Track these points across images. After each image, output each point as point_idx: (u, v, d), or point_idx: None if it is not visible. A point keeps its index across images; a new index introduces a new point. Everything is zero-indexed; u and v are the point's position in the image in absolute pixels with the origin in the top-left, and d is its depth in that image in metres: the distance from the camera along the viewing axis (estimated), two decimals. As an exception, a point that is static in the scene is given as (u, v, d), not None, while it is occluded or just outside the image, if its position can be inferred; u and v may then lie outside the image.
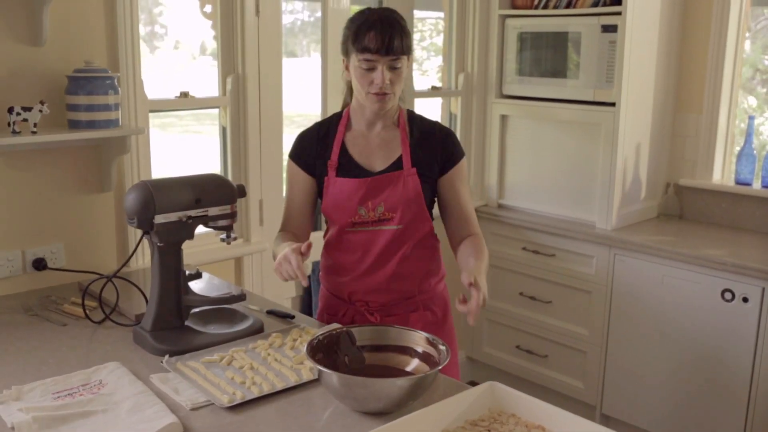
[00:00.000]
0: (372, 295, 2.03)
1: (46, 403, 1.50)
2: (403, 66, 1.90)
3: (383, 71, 1.87)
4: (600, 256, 3.25)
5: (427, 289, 2.10)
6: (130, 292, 2.13)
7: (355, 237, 2.00)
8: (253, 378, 1.62)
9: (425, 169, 1.99)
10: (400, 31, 1.88)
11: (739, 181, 3.31)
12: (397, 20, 1.90)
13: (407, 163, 1.97)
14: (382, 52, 1.85)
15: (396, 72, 1.90)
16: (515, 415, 1.45)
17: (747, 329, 2.82)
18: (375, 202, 1.96)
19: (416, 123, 2.04)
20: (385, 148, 2.00)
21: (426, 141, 2.01)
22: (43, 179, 2.29)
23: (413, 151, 1.99)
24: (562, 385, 3.47)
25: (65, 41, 2.26)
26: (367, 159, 2.00)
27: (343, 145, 2.01)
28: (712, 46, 3.33)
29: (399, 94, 1.96)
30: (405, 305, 2.05)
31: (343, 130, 2.03)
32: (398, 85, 1.92)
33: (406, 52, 1.91)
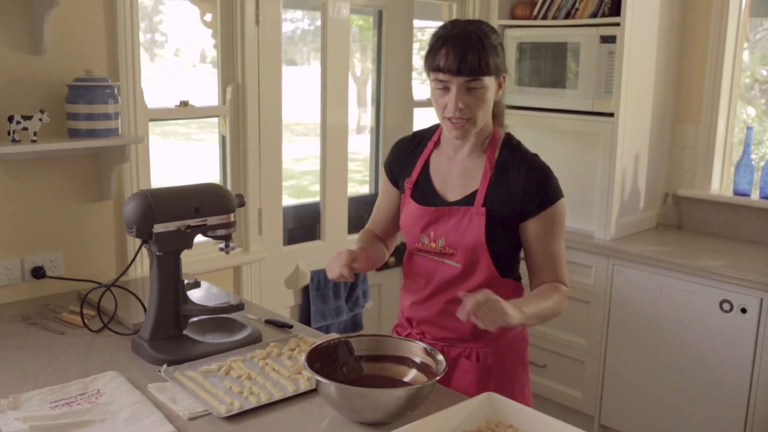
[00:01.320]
0: (425, 326, 1.90)
1: (43, 413, 1.50)
2: (484, 88, 1.70)
3: (456, 93, 1.69)
4: (598, 266, 3.25)
5: (486, 337, 1.83)
6: (129, 301, 2.13)
7: (421, 261, 1.87)
8: (251, 388, 1.62)
9: (500, 209, 1.77)
10: (479, 47, 1.68)
11: (737, 192, 3.31)
12: (480, 34, 1.70)
13: (479, 200, 1.77)
14: (454, 72, 1.67)
15: (474, 95, 1.70)
16: (513, 425, 1.45)
17: (745, 340, 2.82)
18: (436, 233, 1.81)
19: (507, 153, 1.80)
20: (465, 178, 1.82)
21: (510, 177, 1.77)
22: (43, 188, 2.29)
23: (491, 187, 1.77)
24: (560, 396, 3.46)
25: (66, 50, 2.27)
26: (444, 185, 1.84)
27: (426, 165, 1.88)
28: (711, 57, 3.34)
29: (482, 120, 1.75)
30: (459, 347, 1.86)
31: (432, 147, 1.89)
32: (479, 110, 1.72)
33: (487, 72, 1.69)
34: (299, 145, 3.76)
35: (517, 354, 1.93)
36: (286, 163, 2.98)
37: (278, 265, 3.05)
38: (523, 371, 1.95)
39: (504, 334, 1.86)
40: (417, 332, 1.92)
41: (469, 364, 1.86)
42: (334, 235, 3.25)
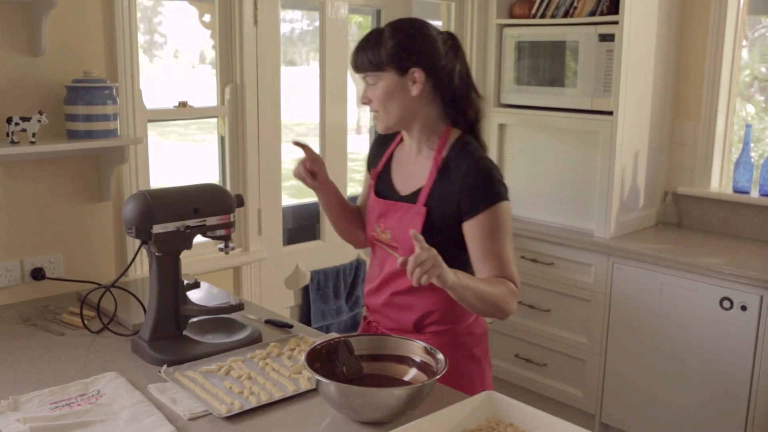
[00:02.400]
0: (377, 314, 1.96)
1: (43, 414, 1.50)
2: (380, 81, 1.76)
3: (363, 88, 1.81)
4: (598, 264, 3.25)
5: (429, 333, 1.87)
6: (129, 301, 2.13)
7: (377, 250, 1.94)
8: (251, 388, 1.62)
9: (440, 209, 1.78)
10: (373, 45, 1.75)
11: (737, 189, 3.31)
12: (383, 31, 1.77)
13: (422, 199, 1.79)
14: (355, 69, 1.80)
15: (372, 89, 1.78)
16: (513, 424, 1.45)
17: (745, 337, 2.82)
18: (386, 225, 1.86)
19: (453, 154, 1.80)
20: (415, 175, 1.85)
21: (451, 177, 1.78)
22: (42, 189, 2.29)
23: (435, 186, 1.79)
24: (561, 394, 3.46)
25: (64, 51, 2.27)
26: (400, 180, 1.89)
27: (390, 158, 1.94)
28: (710, 55, 3.34)
29: (393, 113, 1.79)
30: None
31: (398, 141, 1.95)
32: (380, 103, 1.78)
33: (377, 67, 1.75)
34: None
35: (463, 348, 1.90)
36: (286, 163, 2.98)
37: (278, 265, 3.05)
38: (473, 365, 1.93)
39: (450, 330, 1.87)
40: (373, 320, 1.97)
41: None
42: (333, 234, 3.22)
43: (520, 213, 3.64)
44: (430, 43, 1.77)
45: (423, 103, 1.79)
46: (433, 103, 1.80)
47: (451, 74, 1.78)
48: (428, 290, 1.74)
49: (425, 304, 1.85)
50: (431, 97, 1.79)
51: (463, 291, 1.62)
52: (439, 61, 1.77)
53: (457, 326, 1.89)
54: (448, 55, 1.78)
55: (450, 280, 1.57)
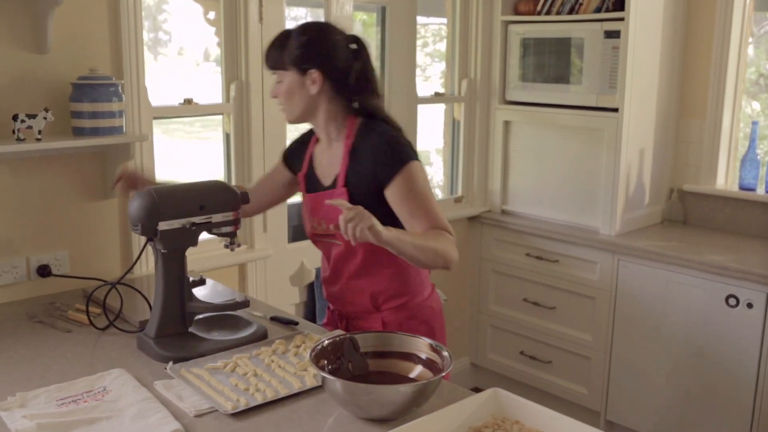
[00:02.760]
0: (336, 302, 2.10)
1: (50, 410, 1.50)
2: (283, 80, 1.93)
3: (273, 84, 1.97)
4: (604, 261, 3.24)
5: (388, 307, 2.02)
6: (134, 298, 2.13)
7: (319, 245, 2.09)
8: (257, 385, 1.63)
9: (359, 186, 1.91)
10: (279, 46, 1.93)
11: (742, 187, 3.30)
12: (288, 33, 1.93)
13: (340, 182, 1.94)
14: (265, 66, 1.97)
15: (279, 86, 1.95)
16: (519, 421, 1.45)
17: (751, 335, 2.81)
18: (319, 217, 2.01)
19: (360, 136, 1.95)
20: (331, 165, 2.00)
21: (362, 156, 1.92)
22: (48, 186, 2.29)
23: (350, 169, 1.93)
24: (566, 391, 3.46)
25: (70, 49, 2.27)
26: (322, 172, 2.04)
27: (311, 157, 2.08)
28: (716, 52, 3.33)
29: (296, 107, 1.95)
30: (367, 319, 2.04)
31: (315, 140, 2.09)
32: (284, 99, 1.95)
33: (280, 66, 1.92)
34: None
35: (422, 321, 2.05)
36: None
37: (283, 262, 3.06)
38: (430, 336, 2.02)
39: (406, 303, 2.03)
40: (335, 308, 2.12)
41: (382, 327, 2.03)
42: (338, 232, 3.25)
43: (525, 210, 3.64)
44: (330, 46, 1.92)
45: (323, 100, 1.94)
46: (334, 99, 1.95)
47: (346, 74, 1.92)
48: (377, 268, 1.96)
49: (376, 282, 2.00)
50: (332, 94, 1.94)
51: (401, 244, 1.73)
52: (337, 63, 1.91)
53: (413, 300, 2.05)
54: (347, 57, 1.93)
55: (385, 235, 1.68)
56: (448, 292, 3.75)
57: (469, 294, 3.87)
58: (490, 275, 3.75)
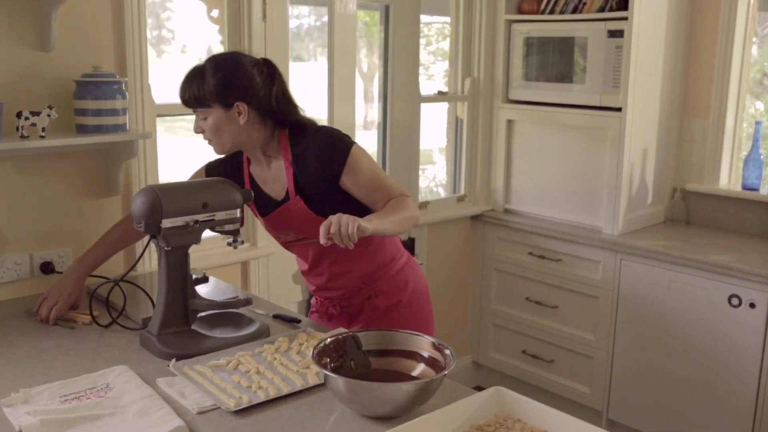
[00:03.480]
0: (326, 292, 2.18)
1: (53, 407, 1.51)
2: (210, 116, 1.92)
3: (195, 121, 1.97)
4: (606, 261, 3.24)
5: (376, 279, 2.13)
6: (137, 296, 2.14)
7: (294, 249, 2.16)
8: (260, 382, 1.63)
9: (313, 188, 1.98)
10: (197, 83, 1.91)
11: (746, 186, 3.30)
12: (198, 74, 1.92)
13: (292, 192, 1.99)
14: (183, 104, 1.96)
15: (205, 123, 1.94)
16: (521, 420, 1.45)
17: (754, 335, 2.81)
18: (285, 229, 2.06)
19: (295, 144, 2.00)
20: (278, 180, 2.03)
21: (306, 160, 1.97)
22: (51, 183, 2.30)
23: (297, 177, 1.98)
24: (568, 391, 3.46)
25: (73, 46, 2.28)
26: (270, 190, 2.06)
27: (251, 178, 2.09)
28: (719, 51, 3.32)
29: (227, 141, 1.95)
30: (358, 295, 2.14)
31: (247, 163, 2.10)
32: (212, 134, 1.94)
33: (202, 104, 1.91)
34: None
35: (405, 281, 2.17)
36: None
37: (286, 260, 3.05)
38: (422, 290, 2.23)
39: (386, 272, 2.14)
40: (322, 299, 2.21)
41: (371, 303, 2.13)
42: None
43: (528, 209, 3.64)
44: (248, 77, 1.94)
45: (252, 127, 1.96)
46: (262, 123, 1.97)
47: (269, 99, 1.96)
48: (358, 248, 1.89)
49: (363, 261, 2.09)
50: (258, 120, 1.97)
51: (383, 227, 1.80)
52: (258, 91, 1.94)
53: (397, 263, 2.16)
54: (265, 82, 1.96)
55: (370, 227, 1.73)
56: (451, 291, 3.76)
57: (471, 293, 3.87)
58: (492, 274, 3.75)
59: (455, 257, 3.76)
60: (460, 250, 3.78)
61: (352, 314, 2.17)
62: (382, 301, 2.14)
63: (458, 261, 3.78)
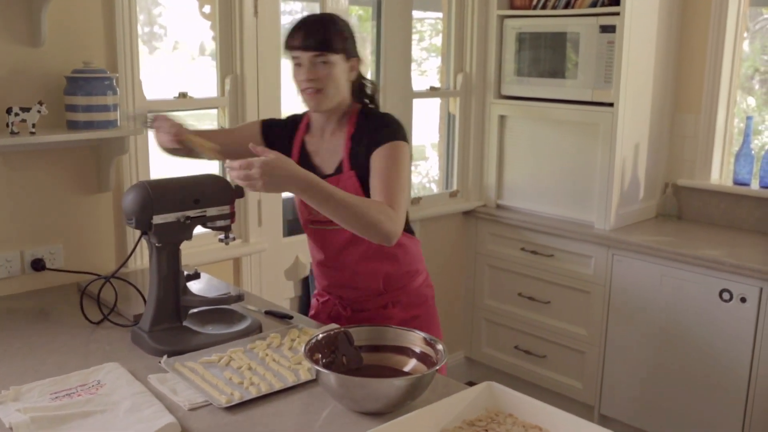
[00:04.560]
0: (341, 290, 2.12)
1: (44, 404, 1.50)
2: (332, 64, 1.90)
3: (307, 68, 1.90)
4: (598, 256, 3.25)
5: (397, 288, 2.10)
6: (129, 292, 2.13)
7: (318, 234, 2.08)
8: (251, 378, 1.63)
9: (364, 167, 1.94)
10: (326, 29, 1.90)
11: (737, 182, 3.31)
12: (329, 20, 1.93)
13: (346, 166, 1.97)
14: (303, 48, 1.89)
15: (323, 69, 1.90)
16: (512, 415, 1.45)
17: (745, 329, 2.82)
18: None
19: (361, 120, 2.00)
20: (333, 152, 2.02)
21: (361, 138, 1.97)
22: (42, 180, 2.29)
23: (353, 152, 1.97)
24: (560, 386, 3.47)
25: (64, 42, 2.27)
26: (321, 161, 2.04)
27: (303, 148, 2.07)
28: (711, 47, 3.33)
29: (333, 93, 1.94)
30: (375, 301, 2.10)
31: (304, 129, 2.08)
32: (327, 82, 1.91)
33: (332, 50, 1.89)
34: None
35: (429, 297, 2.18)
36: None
37: (278, 256, 3.05)
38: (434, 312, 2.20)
39: (409, 283, 2.12)
40: (335, 297, 2.14)
41: (386, 313, 2.09)
42: (333, 226, 3.25)
43: (520, 204, 3.64)
44: (358, 37, 1.99)
45: (348, 88, 1.99)
46: (351, 89, 2.01)
47: (366, 67, 2.01)
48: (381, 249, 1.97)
49: (389, 263, 2.06)
50: (354, 83, 2.01)
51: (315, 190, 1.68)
52: (362, 53, 2.00)
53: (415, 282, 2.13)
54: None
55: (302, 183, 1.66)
56: (443, 287, 3.76)
57: (463, 288, 3.87)
58: (485, 269, 3.76)
59: (448, 253, 3.77)
60: (453, 245, 3.78)
61: (364, 320, 2.08)
62: (399, 313, 2.09)
63: (451, 256, 3.79)
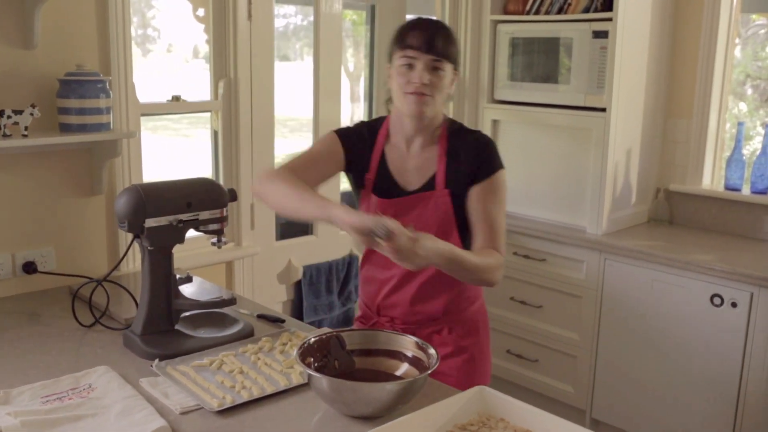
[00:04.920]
0: (396, 311, 2.00)
1: (35, 408, 1.50)
2: (445, 71, 1.84)
3: (423, 69, 1.82)
4: (590, 260, 3.26)
5: (454, 312, 2.00)
6: (121, 295, 2.13)
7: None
8: (243, 382, 1.63)
9: (457, 188, 1.89)
10: (445, 35, 1.85)
11: (728, 187, 3.33)
12: (447, 27, 1.89)
13: (440, 183, 1.89)
14: (423, 49, 1.81)
15: (436, 74, 1.83)
16: (504, 419, 1.45)
17: (736, 334, 2.83)
18: (403, 222, 1.81)
19: (456, 138, 1.93)
20: (421, 168, 1.92)
21: (461, 158, 1.90)
22: (34, 182, 2.28)
23: (448, 169, 1.90)
24: (552, 390, 3.47)
25: (57, 44, 2.26)
26: (402, 176, 1.93)
27: (382, 159, 1.96)
28: (702, 52, 3.35)
29: (439, 102, 1.88)
30: (429, 326, 1.99)
31: (383, 141, 1.97)
32: (438, 90, 1.84)
33: (449, 58, 1.84)
34: (293, 141, 3.76)
35: (480, 324, 2.06)
36: (281, 158, 2.98)
37: (271, 260, 3.05)
38: (487, 339, 2.09)
39: (467, 308, 2.02)
40: (386, 320, 2.02)
41: (440, 338, 1.98)
42: (326, 230, 3.25)
43: (513, 209, 3.64)
44: None
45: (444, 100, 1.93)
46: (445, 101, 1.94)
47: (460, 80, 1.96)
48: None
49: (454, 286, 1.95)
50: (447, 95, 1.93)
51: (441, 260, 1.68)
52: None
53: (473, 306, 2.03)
54: None
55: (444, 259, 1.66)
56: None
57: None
58: (477, 274, 3.75)
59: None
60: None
61: None
62: (452, 339, 1.98)
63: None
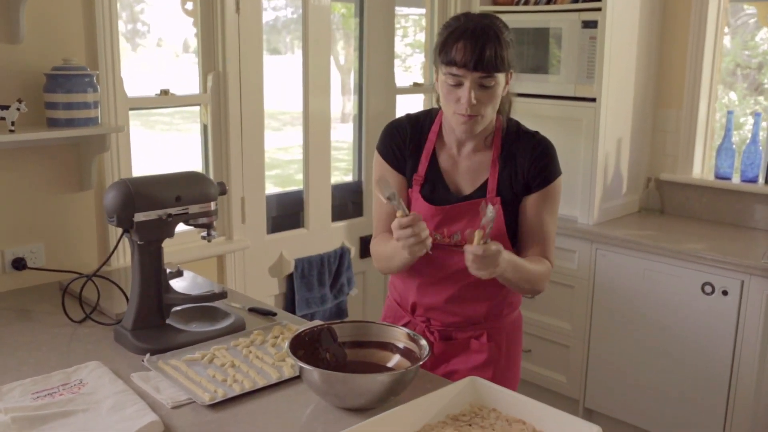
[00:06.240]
0: (433, 312, 1.90)
1: (25, 404, 1.49)
2: (496, 84, 1.70)
3: (470, 89, 1.67)
4: (582, 250, 3.26)
5: (496, 317, 1.91)
6: (111, 291, 2.12)
7: (435, 252, 1.76)
8: (235, 375, 1.62)
9: (509, 194, 1.80)
10: (495, 43, 1.66)
11: (718, 176, 3.34)
12: (495, 29, 1.69)
13: (492, 190, 1.79)
14: (470, 67, 1.66)
15: (487, 92, 1.69)
16: (496, 409, 1.46)
17: (727, 322, 2.84)
18: (451, 229, 1.79)
19: (511, 141, 1.82)
20: (474, 170, 1.82)
21: (517, 162, 1.80)
22: (22, 178, 2.27)
23: (501, 175, 1.80)
24: (545, 380, 3.49)
25: (43, 39, 2.24)
26: (454, 179, 1.83)
27: (433, 159, 1.84)
28: (692, 42, 3.36)
29: (490, 116, 1.75)
30: (468, 330, 1.89)
31: (434, 139, 1.86)
32: (489, 106, 1.71)
33: (501, 68, 1.68)
34: (284, 134, 3.75)
35: (518, 332, 1.99)
36: (272, 152, 2.97)
37: (262, 253, 3.05)
38: (519, 349, 2.02)
39: (509, 314, 1.94)
40: (422, 320, 1.92)
41: (479, 344, 1.89)
42: (317, 222, 3.25)
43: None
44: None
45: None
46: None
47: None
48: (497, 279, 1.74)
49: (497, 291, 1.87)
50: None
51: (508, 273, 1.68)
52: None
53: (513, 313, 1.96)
54: None
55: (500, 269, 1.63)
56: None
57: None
58: (469, 265, 3.76)
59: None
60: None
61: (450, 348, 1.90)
62: (489, 348, 1.89)
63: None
